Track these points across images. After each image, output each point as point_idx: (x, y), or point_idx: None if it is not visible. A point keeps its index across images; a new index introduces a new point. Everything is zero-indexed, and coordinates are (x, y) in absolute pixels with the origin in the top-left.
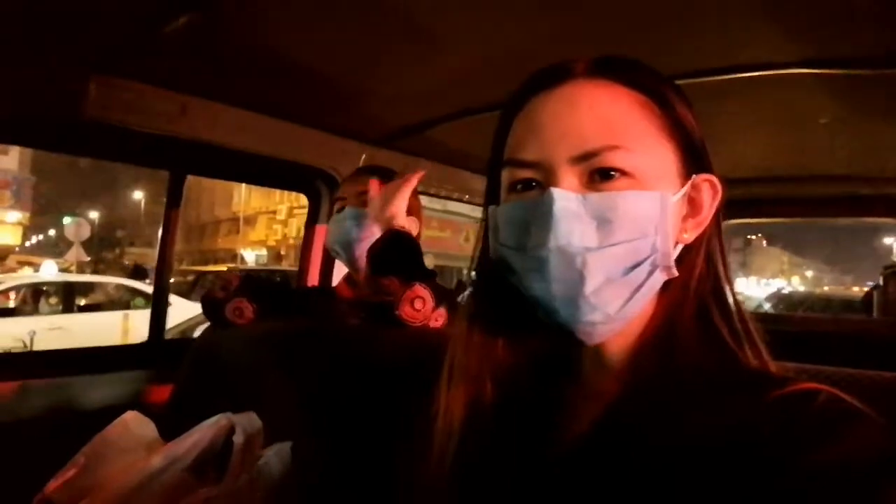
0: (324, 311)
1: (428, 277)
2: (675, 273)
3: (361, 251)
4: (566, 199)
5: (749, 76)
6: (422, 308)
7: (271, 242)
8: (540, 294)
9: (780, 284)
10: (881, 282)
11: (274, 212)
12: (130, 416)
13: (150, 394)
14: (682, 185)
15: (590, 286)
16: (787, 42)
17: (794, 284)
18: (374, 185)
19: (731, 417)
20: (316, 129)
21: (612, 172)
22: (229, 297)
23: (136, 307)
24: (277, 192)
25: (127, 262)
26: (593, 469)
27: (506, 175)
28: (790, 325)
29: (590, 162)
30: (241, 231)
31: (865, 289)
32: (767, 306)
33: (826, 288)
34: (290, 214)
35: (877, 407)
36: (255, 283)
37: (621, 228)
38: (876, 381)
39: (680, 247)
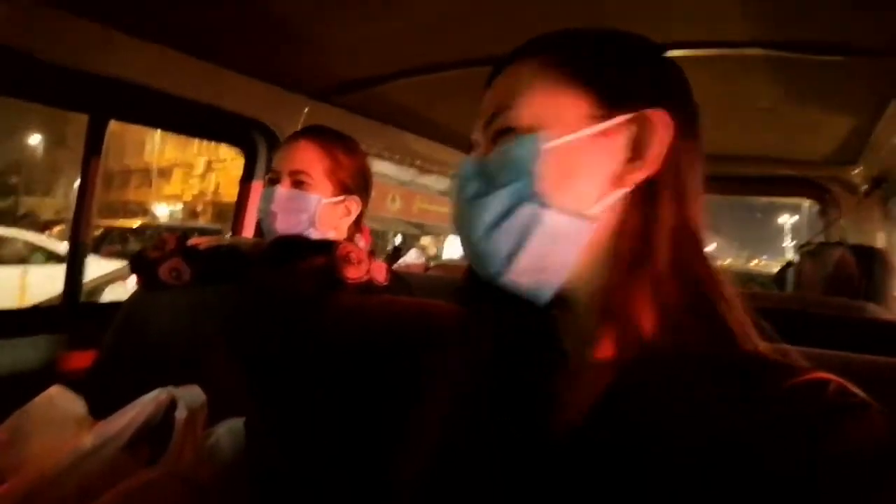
0: (268, 276)
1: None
2: (595, 220)
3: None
4: (464, 164)
5: (699, 53)
6: (360, 261)
7: (187, 198)
8: (463, 249)
9: None
10: (796, 258)
11: (191, 165)
12: (55, 391)
13: (67, 361)
14: (595, 124)
15: (475, 234)
16: (739, 21)
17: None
18: None
19: (739, 408)
20: (255, 77)
21: (503, 131)
22: (165, 257)
23: (36, 263)
24: (195, 143)
25: (23, 212)
26: (584, 455)
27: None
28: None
29: (491, 126)
30: (155, 184)
31: (760, 261)
32: None
33: (728, 260)
34: (209, 168)
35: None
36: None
37: (497, 175)
38: (864, 365)
39: (621, 192)
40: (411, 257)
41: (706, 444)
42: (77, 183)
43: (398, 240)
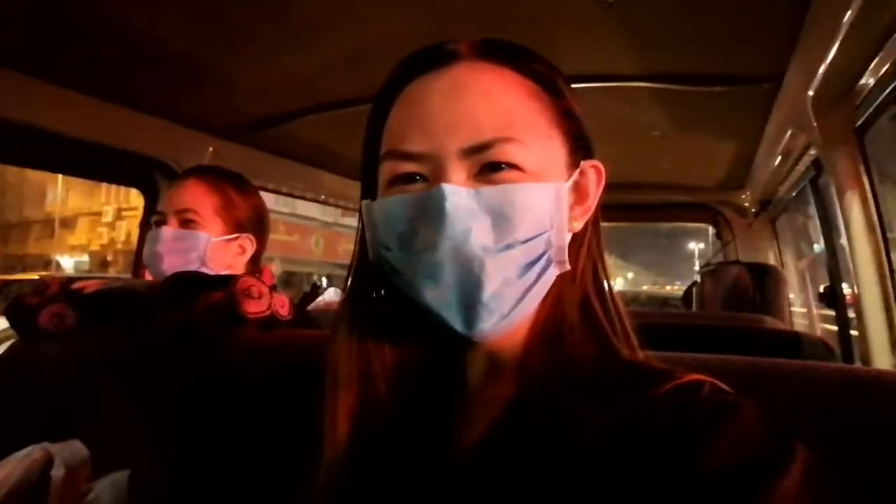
0: (165, 314)
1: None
2: (568, 267)
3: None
4: (459, 196)
5: (592, 86)
6: (261, 295)
7: (95, 247)
8: (432, 301)
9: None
10: (698, 279)
11: (99, 213)
12: None
13: None
14: (570, 174)
15: (488, 291)
16: (630, 56)
17: (619, 285)
18: None
19: (624, 414)
20: (155, 115)
21: (503, 166)
22: (45, 302)
23: None
24: (103, 191)
25: None
26: (488, 475)
27: (386, 168)
28: (648, 319)
29: (480, 155)
30: (58, 234)
31: (677, 287)
32: None
33: (645, 287)
34: (119, 216)
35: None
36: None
37: (519, 225)
38: (729, 366)
39: (569, 237)
40: (329, 295)
41: (597, 450)
42: None
43: (324, 281)
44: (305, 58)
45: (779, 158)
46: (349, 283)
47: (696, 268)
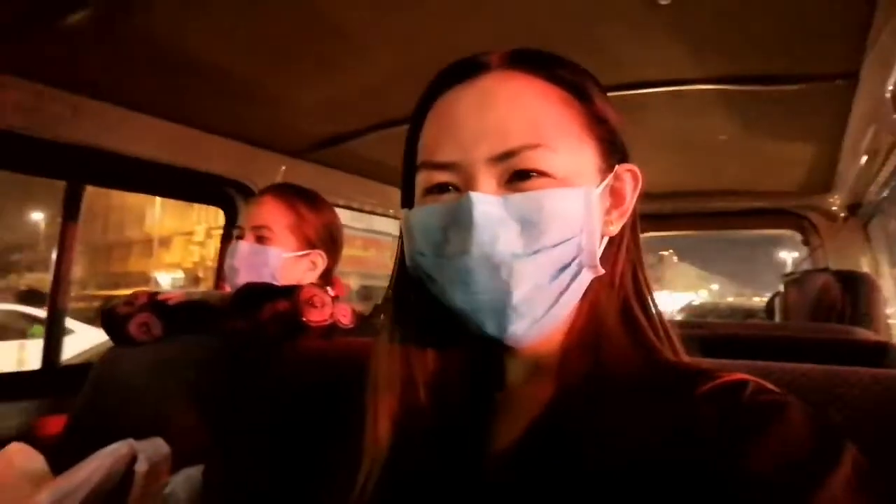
0: (235, 324)
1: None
2: (601, 271)
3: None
4: (487, 203)
5: (653, 92)
6: (323, 304)
7: (188, 265)
8: (464, 305)
9: (689, 297)
10: (782, 289)
11: (191, 233)
12: (15, 449)
13: (44, 426)
14: (603, 179)
15: (517, 295)
16: (687, 60)
17: (702, 297)
18: None
19: (664, 416)
20: (231, 138)
21: (532, 173)
22: (134, 312)
23: (34, 335)
24: (195, 211)
25: (23, 289)
26: (526, 478)
27: (420, 178)
28: (702, 329)
29: (509, 162)
30: (155, 253)
31: (765, 299)
32: (679, 317)
33: (730, 299)
34: (209, 235)
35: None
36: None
37: (548, 230)
38: (786, 372)
39: (605, 240)
40: None
41: (637, 453)
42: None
43: None
44: (367, 76)
45: (864, 158)
46: (391, 290)
47: None
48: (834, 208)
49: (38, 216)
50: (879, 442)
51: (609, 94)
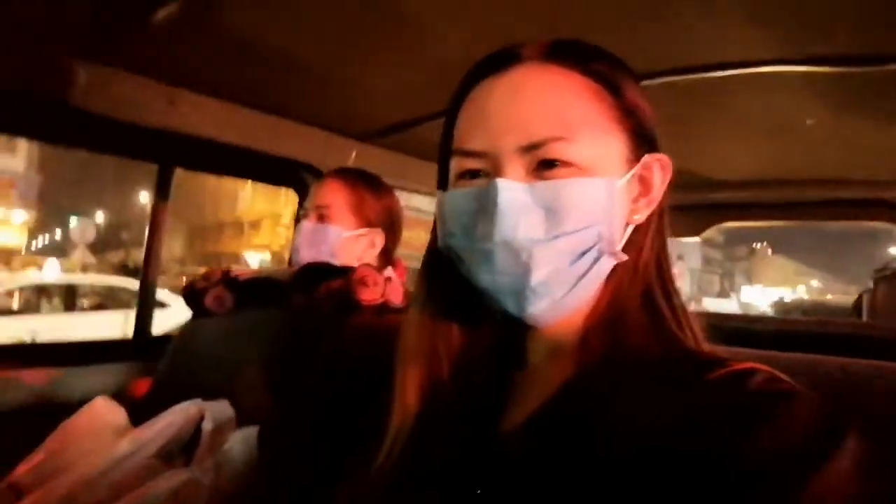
0: (296, 299)
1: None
2: (623, 257)
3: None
4: (511, 190)
5: (731, 74)
6: (375, 284)
7: (275, 246)
8: (487, 285)
9: (783, 293)
10: (871, 285)
11: (279, 215)
12: (100, 403)
13: (133, 388)
14: (630, 168)
15: (536, 277)
16: (769, 39)
17: (800, 293)
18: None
19: (675, 402)
20: (304, 123)
21: (557, 163)
22: (210, 287)
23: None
24: (283, 195)
25: (131, 265)
26: (538, 452)
27: (454, 164)
28: (772, 324)
29: (535, 153)
30: (246, 234)
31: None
32: (770, 312)
33: (829, 296)
34: (295, 218)
35: (816, 388)
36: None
37: (568, 217)
38: (815, 365)
39: (630, 228)
40: None
41: (646, 432)
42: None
43: None
44: (436, 60)
45: None
46: (423, 266)
47: None
48: None
49: (145, 197)
50: None
51: (684, 76)
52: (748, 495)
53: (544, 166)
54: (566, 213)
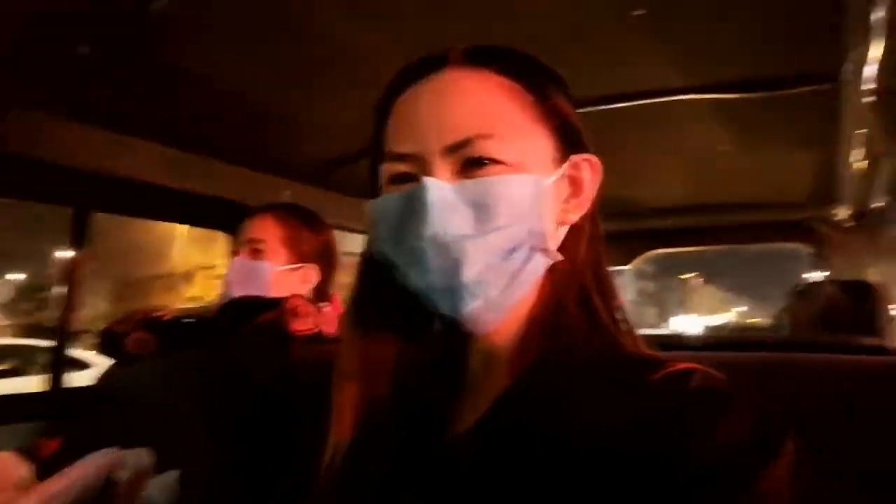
0: (223, 337)
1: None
2: (558, 257)
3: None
4: (440, 189)
5: (646, 104)
6: (307, 314)
7: (210, 297)
8: (421, 286)
9: (715, 320)
10: (790, 301)
11: (213, 266)
12: (2, 456)
13: (43, 445)
14: (558, 168)
15: (468, 273)
16: (672, 68)
17: (728, 319)
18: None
19: (617, 404)
20: (234, 162)
21: (485, 161)
22: (130, 329)
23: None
24: (218, 244)
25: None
26: (480, 462)
27: (384, 170)
28: (698, 343)
29: (462, 152)
30: (177, 288)
31: None
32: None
33: (754, 319)
34: None
35: (742, 381)
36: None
37: (497, 214)
38: (740, 361)
39: (564, 229)
40: None
41: (587, 437)
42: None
43: None
44: (365, 101)
45: (863, 163)
46: (356, 279)
47: None
48: (839, 218)
49: (63, 255)
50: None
51: (594, 108)
52: (698, 494)
53: (472, 165)
54: (495, 209)
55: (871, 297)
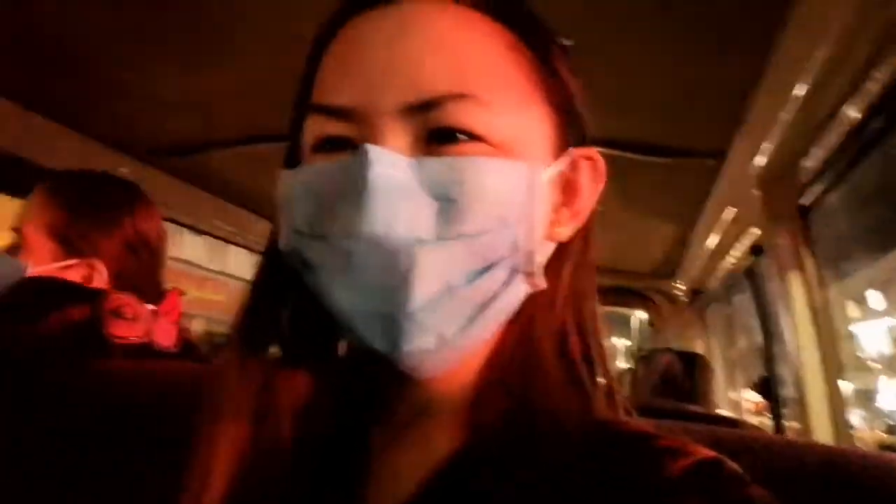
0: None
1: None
2: (542, 285)
3: None
4: (389, 164)
5: None
6: (136, 317)
7: None
8: (344, 305)
9: None
10: (633, 366)
11: None
12: None
13: None
14: (556, 159)
15: (419, 297)
16: None
17: None
18: None
19: (623, 496)
20: (67, 126)
21: (458, 133)
22: None
23: None
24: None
25: None
26: None
27: (310, 128)
28: None
29: (427, 116)
30: None
31: None
32: None
33: None
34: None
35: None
36: None
37: (470, 212)
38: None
39: (550, 247)
40: None
41: None
42: None
43: None
44: (237, 79)
45: (715, 244)
46: (252, 284)
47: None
48: (677, 293)
49: None
50: None
51: None
52: None
53: (441, 137)
54: (467, 205)
55: (700, 367)
